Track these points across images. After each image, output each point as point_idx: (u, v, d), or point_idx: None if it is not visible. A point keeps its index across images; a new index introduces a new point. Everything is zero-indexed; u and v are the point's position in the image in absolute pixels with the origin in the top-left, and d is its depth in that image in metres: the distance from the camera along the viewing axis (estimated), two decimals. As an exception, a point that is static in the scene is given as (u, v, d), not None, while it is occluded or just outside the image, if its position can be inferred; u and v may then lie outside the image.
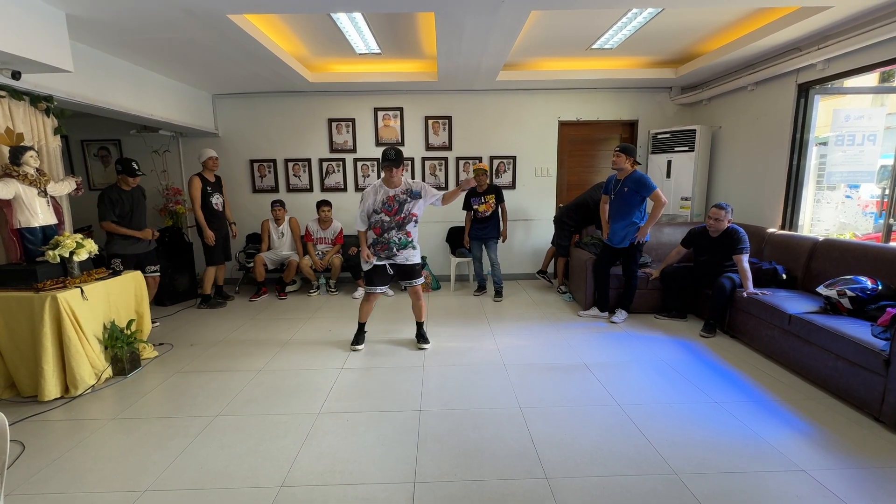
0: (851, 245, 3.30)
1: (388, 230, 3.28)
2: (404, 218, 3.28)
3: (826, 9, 3.07)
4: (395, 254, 3.33)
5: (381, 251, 3.33)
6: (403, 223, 3.29)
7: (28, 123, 3.11)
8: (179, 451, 2.20)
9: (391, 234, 3.28)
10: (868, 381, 2.39)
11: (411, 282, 3.43)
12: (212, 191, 4.63)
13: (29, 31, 2.68)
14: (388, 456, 2.14)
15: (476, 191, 4.84)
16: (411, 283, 3.44)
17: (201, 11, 2.95)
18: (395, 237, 3.29)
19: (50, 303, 2.68)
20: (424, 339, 3.53)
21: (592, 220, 4.86)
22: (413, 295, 3.50)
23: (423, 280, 3.49)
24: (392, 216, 3.26)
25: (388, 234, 3.28)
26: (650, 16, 3.50)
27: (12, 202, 2.92)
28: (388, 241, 3.29)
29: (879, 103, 4.21)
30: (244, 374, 3.07)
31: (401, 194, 3.25)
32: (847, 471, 1.98)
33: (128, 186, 3.97)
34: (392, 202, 3.24)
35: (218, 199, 4.69)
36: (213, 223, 4.62)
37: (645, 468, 2.02)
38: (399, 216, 3.27)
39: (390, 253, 3.33)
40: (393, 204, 3.24)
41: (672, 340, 3.61)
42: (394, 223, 3.28)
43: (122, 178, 3.92)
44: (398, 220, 3.28)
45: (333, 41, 4.03)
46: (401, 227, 3.29)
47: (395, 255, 3.33)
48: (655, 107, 5.61)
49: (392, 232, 3.28)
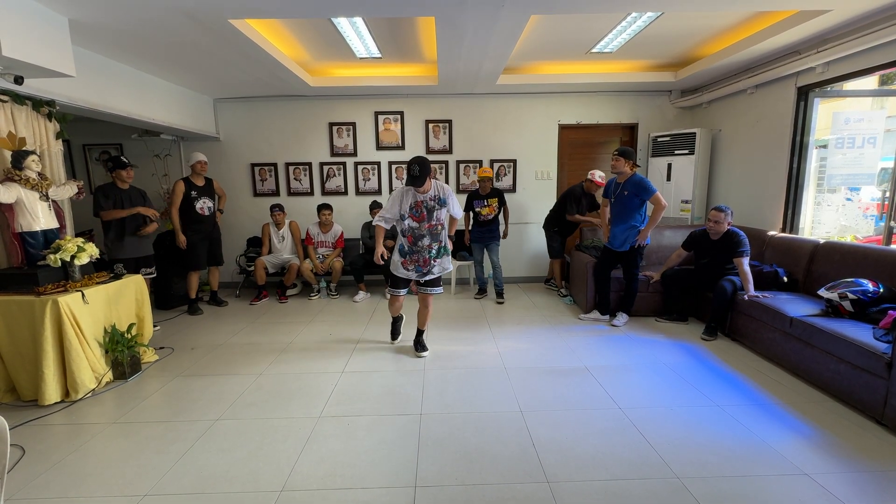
0: (852, 248, 3.30)
1: (420, 238, 3.13)
2: (434, 226, 3.13)
3: (825, 12, 3.08)
4: (432, 265, 3.20)
5: (419, 265, 3.19)
6: (436, 231, 3.15)
7: (30, 128, 3.12)
8: (180, 456, 2.19)
9: (424, 243, 3.14)
10: (870, 384, 2.38)
11: (431, 289, 3.28)
12: (197, 195, 4.56)
13: (31, 36, 2.69)
14: (389, 460, 2.13)
15: (479, 194, 4.87)
16: (429, 291, 3.29)
17: (203, 16, 2.97)
18: (433, 248, 3.16)
19: (51, 307, 2.68)
20: (423, 347, 3.44)
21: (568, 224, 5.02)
22: (422, 301, 3.39)
23: (441, 290, 3.35)
24: (420, 223, 3.11)
25: (421, 242, 3.14)
26: (650, 20, 3.52)
27: (14, 206, 2.93)
28: (427, 253, 3.16)
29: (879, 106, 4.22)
30: (245, 378, 3.06)
31: (429, 200, 3.09)
32: (849, 474, 1.97)
33: (124, 183, 3.94)
34: (420, 208, 3.09)
35: (204, 204, 4.61)
36: (196, 227, 4.56)
37: (646, 472, 2.01)
38: (429, 223, 3.12)
39: (429, 267, 3.20)
40: (421, 210, 3.09)
41: (673, 343, 3.60)
42: (425, 231, 3.12)
43: (116, 174, 3.91)
44: (429, 228, 3.12)
45: (334, 45, 4.05)
46: (434, 236, 3.15)
47: (432, 267, 3.21)
48: (655, 110, 5.63)
49: (426, 240, 3.13)
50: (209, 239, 4.74)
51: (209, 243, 4.75)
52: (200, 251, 4.67)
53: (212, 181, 4.81)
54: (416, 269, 3.22)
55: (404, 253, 3.21)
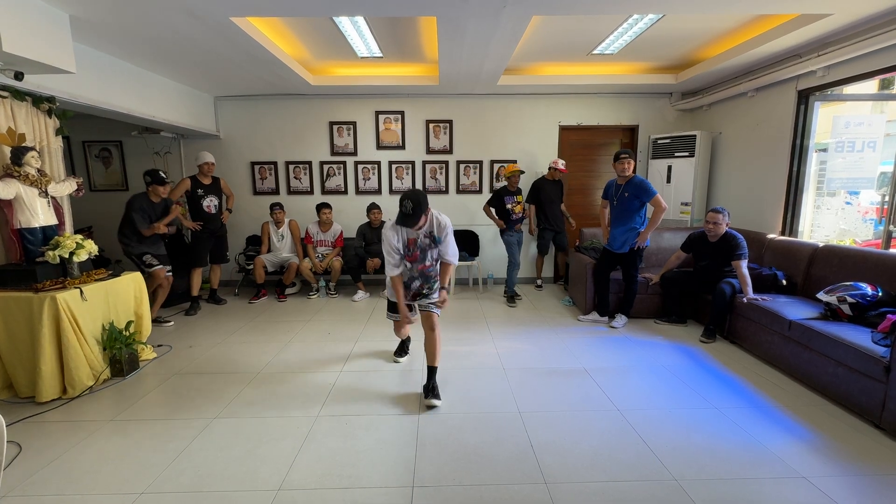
0: (851, 251, 3.30)
1: (412, 280, 2.78)
2: (427, 267, 2.74)
3: (826, 16, 3.09)
4: (433, 292, 2.82)
5: (413, 297, 2.86)
6: (428, 274, 2.77)
7: (30, 124, 3.11)
8: (177, 454, 2.19)
9: (415, 286, 2.79)
10: (868, 388, 2.39)
11: (431, 306, 2.77)
12: (204, 193, 4.60)
13: (32, 32, 2.69)
14: (387, 460, 2.13)
15: (508, 190, 5.00)
16: (432, 309, 2.77)
17: (204, 14, 2.96)
18: (424, 288, 2.80)
19: (49, 303, 2.68)
20: (435, 395, 2.66)
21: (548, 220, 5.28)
22: (426, 322, 2.78)
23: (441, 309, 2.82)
24: (413, 263, 2.72)
25: (413, 284, 2.79)
26: (651, 22, 3.52)
27: (13, 202, 2.92)
28: (419, 291, 2.81)
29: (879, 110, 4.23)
30: (243, 377, 3.06)
31: (423, 237, 2.65)
32: (847, 478, 1.97)
33: (157, 198, 4.08)
34: (412, 246, 2.67)
35: (210, 202, 4.65)
36: (202, 225, 4.61)
37: (644, 474, 2.01)
38: (422, 264, 2.72)
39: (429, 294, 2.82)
40: (413, 248, 2.68)
41: (672, 346, 3.60)
42: (416, 273, 2.75)
43: (153, 188, 4.05)
44: (420, 270, 2.73)
45: (335, 44, 4.05)
46: (427, 279, 2.78)
47: (432, 293, 2.83)
48: (656, 112, 5.63)
49: (416, 283, 2.78)
50: (215, 237, 4.76)
51: (215, 241, 4.78)
52: (205, 249, 4.70)
53: (219, 180, 4.82)
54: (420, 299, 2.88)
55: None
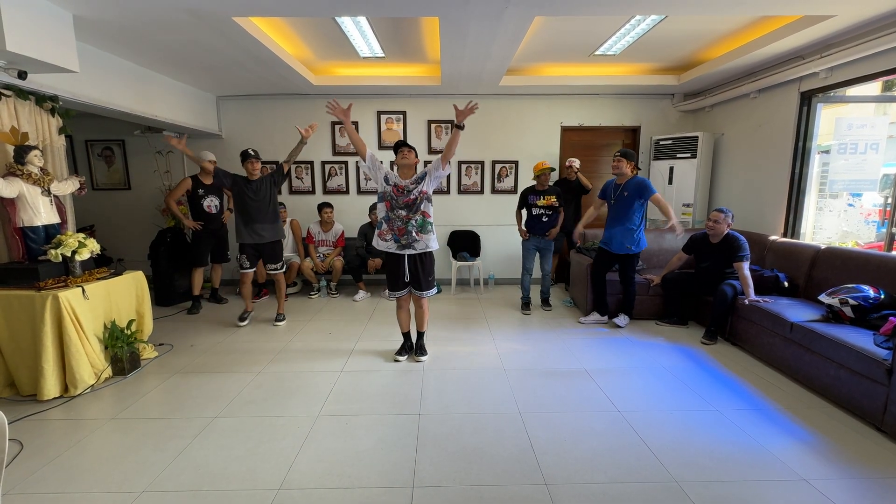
0: (854, 253, 3.30)
1: (398, 209, 3.06)
2: (415, 200, 3.05)
3: (829, 18, 3.08)
4: (415, 239, 3.07)
5: (395, 234, 3.08)
6: (415, 203, 3.06)
7: (33, 123, 3.13)
8: (177, 453, 2.19)
9: (402, 213, 3.05)
10: (870, 391, 2.38)
11: (421, 293, 3.19)
12: (205, 193, 4.59)
13: (36, 31, 2.69)
14: (387, 459, 2.13)
15: (535, 189, 4.51)
16: (422, 295, 3.21)
17: (207, 14, 2.97)
18: (413, 219, 3.06)
19: (51, 302, 2.68)
20: (422, 351, 3.34)
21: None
22: (416, 303, 3.30)
23: (434, 292, 3.28)
24: (398, 196, 3.06)
25: (398, 212, 3.06)
26: (653, 23, 3.52)
27: (16, 201, 2.94)
28: (405, 224, 3.05)
29: (882, 112, 4.22)
30: (243, 376, 3.06)
31: (410, 184, 3.07)
32: (849, 481, 1.97)
33: (252, 176, 4.01)
34: (402, 192, 3.07)
35: (211, 202, 4.64)
36: (203, 224, 4.60)
37: (645, 475, 2.01)
38: (407, 197, 3.05)
39: (409, 239, 3.06)
40: (402, 192, 3.07)
41: (673, 347, 3.59)
42: (402, 204, 3.06)
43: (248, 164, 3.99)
44: (406, 203, 3.05)
45: (338, 45, 4.06)
46: (413, 209, 3.06)
47: (415, 241, 3.07)
48: (658, 113, 5.62)
49: (403, 211, 3.05)
50: (216, 237, 4.76)
51: (216, 241, 4.77)
52: (206, 248, 4.69)
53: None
54: (394, 239, 3.09)
55: (381, 223, 3.13)
